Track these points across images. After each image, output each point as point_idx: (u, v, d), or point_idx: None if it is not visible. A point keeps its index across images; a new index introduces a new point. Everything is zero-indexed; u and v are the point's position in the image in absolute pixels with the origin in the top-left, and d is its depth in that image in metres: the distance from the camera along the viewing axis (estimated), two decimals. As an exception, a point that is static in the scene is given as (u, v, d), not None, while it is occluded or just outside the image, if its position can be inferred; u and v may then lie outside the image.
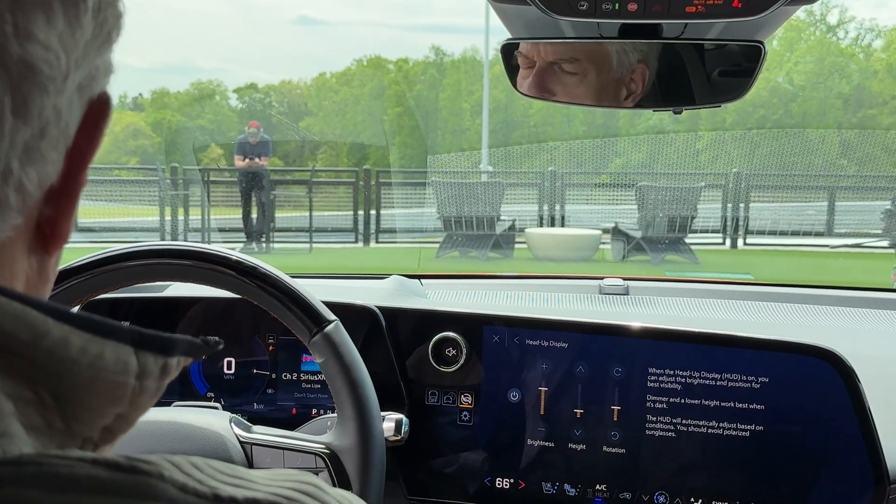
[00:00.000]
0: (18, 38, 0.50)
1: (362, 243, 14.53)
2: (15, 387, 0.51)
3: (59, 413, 0.54)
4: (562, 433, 1.59)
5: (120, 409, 0.56)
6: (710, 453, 1.56)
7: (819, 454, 1.53)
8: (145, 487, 0.49)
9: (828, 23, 33.70)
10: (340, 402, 1.35)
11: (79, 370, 0.53)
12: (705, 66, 1.40)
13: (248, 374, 1.70)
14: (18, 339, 0.51)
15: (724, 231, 14.26)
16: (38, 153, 0.54)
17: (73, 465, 0.49)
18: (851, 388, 1.51)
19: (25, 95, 0.51)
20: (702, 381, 1.55)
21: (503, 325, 1.62)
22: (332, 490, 0.56)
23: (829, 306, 2.17)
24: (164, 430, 1.34)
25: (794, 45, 32.94)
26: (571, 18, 1.17)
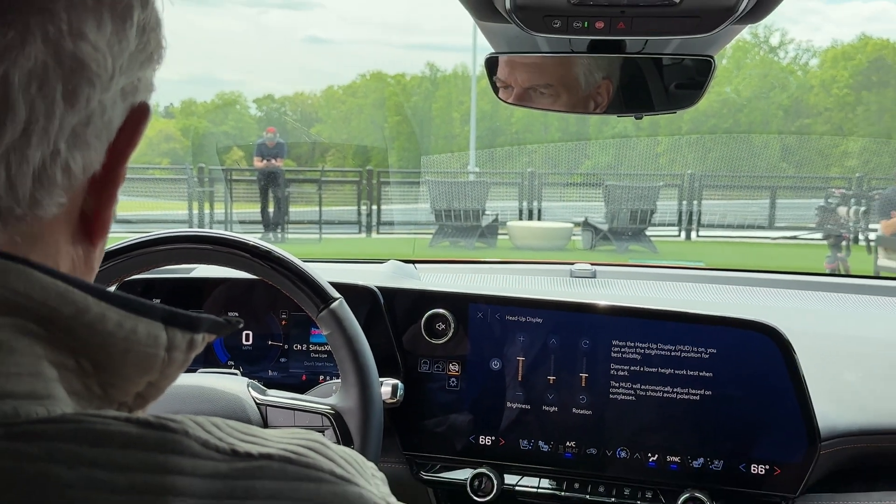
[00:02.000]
0: (72, 35, 0.51)
1: (365, 234, 14.53)
2: (58, 356, 0.52)
3: (96, 380, 0.54)
4: (537, 397, 1.60)
5: (151, 377, 0.57)
6: (664, 414, 1.56)
7: (759, 416, 1.53)
8: (172, 443, 0.49)
9: (770, 44, 33.77)
10: (344, 369, 1.35)
11: (115, 343, 0.53)
12: (663, 77, 1.40)
13: (263, 345, 1.71)
14: (62, 314, 0.51)
15: (680, 224, 14.29)
16: (83, 139, 0.54)
17: (108, 422, 0.49)
18: (788, 359, 1.52)
19: (75, 86, 0.52)
20: (658, 352, 1.56)
21: (486, 303, 1.62)
22: (335, 446, 0.56)
23: (769, 288, 2.18)
24: (189, 393, 1.34)
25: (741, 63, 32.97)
26: (546, 35, 1.17)
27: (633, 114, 1.46)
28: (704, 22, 1.12)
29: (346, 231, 14.66)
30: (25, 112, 0.50)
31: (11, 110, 0.49)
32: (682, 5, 1.10)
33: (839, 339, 1.80)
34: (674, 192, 14.58)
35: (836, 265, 10.45)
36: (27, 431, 0.47)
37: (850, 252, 11.15)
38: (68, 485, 0.46)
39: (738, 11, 1.10)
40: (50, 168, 0.52)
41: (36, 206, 0.53)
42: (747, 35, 32.07)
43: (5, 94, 0.49)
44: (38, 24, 0.49)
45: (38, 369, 0.50)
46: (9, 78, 0.48)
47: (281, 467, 0.51)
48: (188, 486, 0.48)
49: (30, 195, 0.52)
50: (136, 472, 0.47)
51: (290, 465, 0.52)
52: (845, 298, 2.11)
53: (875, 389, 1.66)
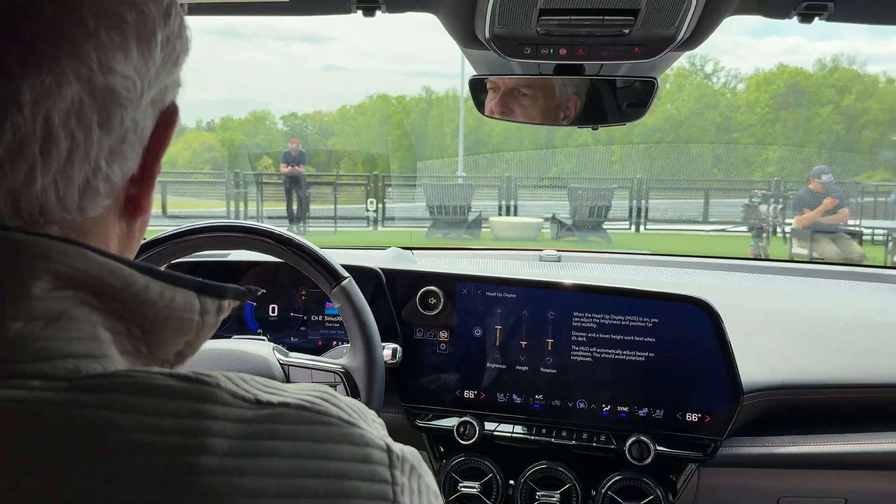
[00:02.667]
0: (102, 71, 0.50)
1: (372, 227, 14.50)
2: (112, 322, 0.51)
3: (143, 341, 0.54)
4: (511, 359, 1.59)
5: (188, 338, 0.57)
6: (616, 373, 1.56)
7: (693, 374, 1.53)
8: (207, 394, 0.49)
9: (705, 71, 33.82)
10: (352, 336, 1.34)
11: (157, 310, 0.53)
12: (616, 95, 1.39)
13: (286, 317, 1.70)
14: (114, 287, 0.51)
15: (630, 219, 14.29)
16: (120, 154, 0.53)
17: (154, 377, 0.49)
18: (717, 327, 1.52)
19: (109, 113, 0.51)
20: (611, 321, 1.55)
21: (470, 281, 1.61)
22: (342, 397, 0.56)
23: (702, 270, 2.19)
24: (225, 355, 1.33)
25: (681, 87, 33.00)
26: (519, 59, 1.16)
27: (592, 125, 1.45)
28: (649, 49, 1.12)
29: (356, 225, 14.62)
30: (67, 142, 0.49)
31: (55, 143, 0.48)
32: (630, 35, 1.10)
33: (759, 310, 1.80)
34: (625, 192, 14.58)
35: (758, 252, 10.50)
36: (87, 385, 0.47)
37: (769, 241, 11.20)
38: (121, 428, 0.46)
39: (676, 40, 1.10)
40: (93, 182, 0.52)
41: (83, 212, 0.52)
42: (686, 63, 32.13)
43: (48, 131, 0.48)
44: (71, 67, 0.48)
45: (95, 334, 0.50)
46: (50, 117, 0.48)
47: (297, 413, 0.51)
48: (221, 429, 0.47)
49: (77, 206, 0.51)
50: (178, 417, 0.47)
51: (304, 412, 0.51)
52: (764, 278, 2.11)
53: (787, 352, 1.67)
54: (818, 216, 8.84)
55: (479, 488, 1.56)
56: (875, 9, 1.09)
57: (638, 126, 23.72)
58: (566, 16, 1.05)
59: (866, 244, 10.32)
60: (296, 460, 0.49)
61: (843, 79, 31.57)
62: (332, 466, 0.50)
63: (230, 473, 0.46)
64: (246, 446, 0.48)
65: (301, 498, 0.48)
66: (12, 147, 0.47)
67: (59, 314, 0.48)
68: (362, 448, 0.52)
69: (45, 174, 0.48)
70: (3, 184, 0.48)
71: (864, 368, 1.63)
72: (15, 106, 0.46)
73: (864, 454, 1.57)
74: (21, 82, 0.46)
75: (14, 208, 0.49)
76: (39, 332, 0.47)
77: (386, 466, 0.52)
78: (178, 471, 0.45)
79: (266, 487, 0.47)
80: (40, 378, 0.46)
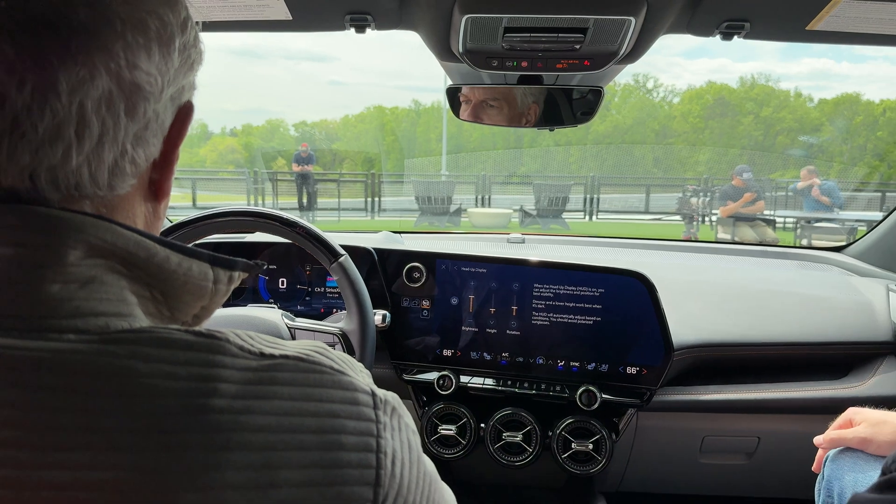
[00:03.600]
0: (129, 67, 0.49)
1: (370, 217, 14.44)
2: (137, 288, 0.51)
3: (165, 305, 0.54)
4: (482, 323, 1.59)
5: (203, 303, 0.56)
6: (569, 334, 1.56)
7: (633, 334, 1.54)
8: (217, 346, 0.49)
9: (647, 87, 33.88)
10: (348, 303, 1.34)
11: (177, 277, 0.52)
12: (570, 101, 1.38)
13: (293, 289, 1.69)
14: (139, 257, 0.50)
15: (585, 210, 14.31)
16: (144, 139, 0.52)
17: (172, 332, 0.48)
18: (653, 296, 1.52)
19: (134, 103, 0.50)
20: (565, 291, 1.55)
21: (448, 258, 1.60)
22: (333, 351, 0.56)
23: (642, 249, 2.19)
24: (241, 321, 1.32)
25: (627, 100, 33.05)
26: (487, 70, 1.15)
27: (550, 127, 1.44)
28: (596, 62, 1.11)
29: (356, 216, 14.55)
30: (98, 127, 0.48)
31: (88, 127, 0.47)
32: (580, 51, 1.09)
33: (688, 282, 1.80)
34: (581, 188, 14.59)
35: (689, 236, 10.56)
36: (115, 338, 0.46)
37: (699, 228, 11.27)
38: (145, 374, 0.45)
39: (619, 55, 1.09)
40: (120, 163, 0.51)
41: (112, 189, 0.51)
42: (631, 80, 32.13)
43: (82, 116, 0.47)
44: (101, 62, 0.47)
45: (122, 296, 0.49)
46: (84, 104, 0.47)
47: (295, 363, 0.51)
48: (229, 376, 0.47)
49: (107, 183, 0.50)
50: (193, 365, 0.47)
51: (301, 362, 0.51)
52: (693, 256, 2.12)
53: (710, 316, 1.67)
54: (740, 207, 8.89)
55: (455, 430, 1.56)
56: (784, 28, 1.09)
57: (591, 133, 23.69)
58: (527, 33, 1.04)
59: (779, 230, 10.40)
60: (293, 402, 0.49)
61: (761, 93, 31.73)
62: (324, 407, 0.50)
63: (237, 412, 0.46)
64: (250, 390, 0.48)
65: (298, 433, 0.48)
66: (51, 129, 0.46)
67: (91, 279, 0.48)
68: (350, 392, 0.52)
69: (79, 153, 0.48)
70: (44, 161, 0.47)
71: (773, 329, 1.63)
72: (53, 93, 0.46)
73: (774, 400, 1.57)
74: (59, 73, 0.45)
75: (53, 183, 0.48)
76: (74, 293, 0.47)
77: (371, 408, 0.52)
78: (193, 409, 0.45)
79: (268, 424, 0.47)
80: (74, 332, 0.46)
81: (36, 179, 0.47)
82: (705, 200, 11.90)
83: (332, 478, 0.48)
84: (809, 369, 1.64)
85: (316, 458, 0.48)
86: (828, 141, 27.37)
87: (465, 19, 0.98)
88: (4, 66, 0.44)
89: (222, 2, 0.98)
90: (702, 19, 1.05)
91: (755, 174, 10.28)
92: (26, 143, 0.46)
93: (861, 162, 22.57)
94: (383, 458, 0.51)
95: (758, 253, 2.17)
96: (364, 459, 0.50)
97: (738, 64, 50.87)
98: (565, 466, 1.54)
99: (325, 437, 0.48)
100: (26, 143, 0.46)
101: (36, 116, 0.46)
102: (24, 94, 0.45)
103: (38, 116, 0.46)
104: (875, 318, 1.66)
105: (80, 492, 0.42)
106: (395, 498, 0.51)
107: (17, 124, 0.45)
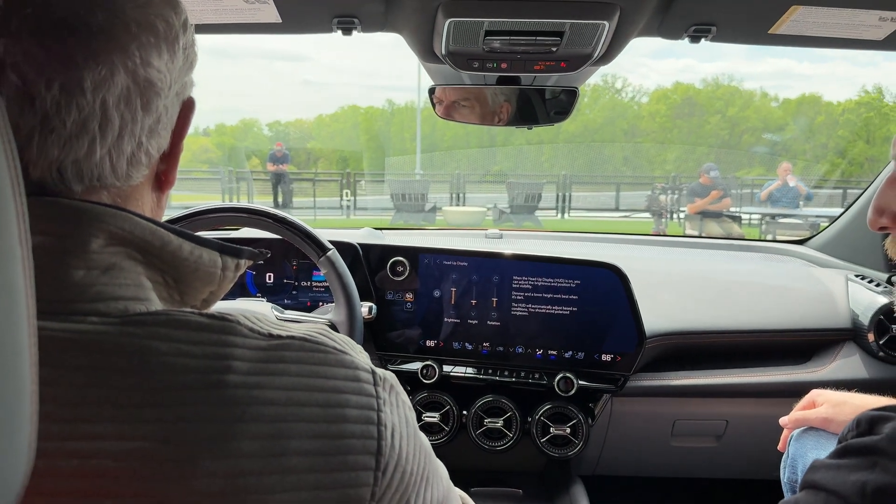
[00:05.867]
0: (143, 65, 0.52)
1: (345, 216, 14.34)
2: (152, 274, 0.53)
3: (177, 290, 0.55)
4: (463, 314, 1.61)
5: (212, 288, 0.58)
6: (546, 324, 1.59)
7: (607, 323, 1.57)
8: (229, 328, 0.51)
9: (616, 87, 33.96)
10: (337, 296, 1.35)
11: (188, 264, 0.55)
12: (545, 101, 1.41)
13: (281, 283, 1.70)
14: (154, 245, 0.52)
15: (557, 207, 14.36)
16: (156, 133, 0.55)
17: (187, 314, 0.50)
18: (626, 287, 1.55)
19: (148, 99, 0.53)
20: (543, 282, 1.58)
21: (431, 253, 1.62)
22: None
23: (615, 244, 2.23)
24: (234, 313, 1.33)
25: (598, 100, 33.17)
26: (468, 71, 1.18)
27: (526, 125, 1.47)
28: (571, 63, 1.14)
29: (332, 214, 14.46)
30: (118, 121, 0.51)
31: (110, 121, 0.50)
32: (557, 53, 1.12)
33: (659, 274, 1.83)
34: (553, 186, 14.64)
35: (658, 231, 10.66)
36: (135, 320, 0.49)
37: (667, 225, 11.37)
38: (164, 353, 0.48)
39: (593, 57, 1.12)
40: (137, 154, 0.54)
41: (129, 179, 0.54)
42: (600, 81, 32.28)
43: (104, 111, 0.50)
44: (120, 61, 0.50)
45: (139, 282, 0.51)
46: (106, 100, 0.50)
47: (301, 343, 0.53)
48: (241, 355, 0.50)
49: (125, 173, 0.53)
50: (207, 345, 0.49)
51: (306, 343, 0.53)
52: (663, 250, 2.16)
53: (680, 305, 1.70)
54: (707, 204, 8.98)
55: (439, 417, 1.59)
56: (749, 32, 1.13)
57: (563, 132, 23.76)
58: (506, 36, 1.06)
59: (744, 226, 10.54)
60: (300, 378, 0.51)
61: (726, 93, 32.06)
62: (329, 384, 0.52)
63: (250, 387, 0.49)
64: (261, 367, 0.50)
65: (305, 406, 0.50)
66: (78, 124, 0.49)
67: (111, 265, 0.50)
68: (352, 370, 0.54)
69: (102, 146, 0.51)
70: (71, 154, 0.50)
71: (740, 317, 1.67)
72: (79, 91, 0.48)
73: (741, 385, 1.62)
74: (83, 72, 0.48)
75: (78, 175, 0.51)
76: (96, 279, 0.49)
77: (371, 384, 0.55)
78: (210, 385, 0.48)
79: (277, 398, 0.49)
80: (97, 315, 0.48)
81: (63, 172, 0.50)
82: (673, 198, 12.02)
83: (337, 447, 0.51)
84: (774, 355, 1.68)
85: (322, 430, 0.50)
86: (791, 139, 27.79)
87: (448, 23, 1.01)
88: (34, 67, 0.47)
89: (215, 5, 1.00)
90: (671, 23, 1.09)
91: (721, 172, 10.42)
92: (55, 138, 0.49)
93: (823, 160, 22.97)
94: (384, 430, 0.54)
95: (724, 246, 2.22)
96: (366, 431, 0.52)
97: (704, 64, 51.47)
98: (544, 450, 1.57)
99: (331, 411, 0.51)
100: (55, 138, 0.49)
101: (64, 113, 0.48)
102: (53, 92, 0.48)
103: (66, 113, 0.48)
104: (835, 307, 1.71)
105: (105, 460, 0.45)
106: (394, 467, 0.54)
107: (47, 121, 0.48)
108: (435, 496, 0.61)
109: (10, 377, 0.34)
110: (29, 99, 0.48)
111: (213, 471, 0.46)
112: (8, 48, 0.47)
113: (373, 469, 0.52)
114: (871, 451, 0.63)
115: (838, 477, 0.64)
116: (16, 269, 0.35)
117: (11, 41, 0.47)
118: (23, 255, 0.36)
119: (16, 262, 0.35)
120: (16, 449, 0.36)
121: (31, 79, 0.47)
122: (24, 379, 0.36)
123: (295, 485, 0.48)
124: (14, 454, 0.35)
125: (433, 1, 0.98)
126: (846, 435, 0.69)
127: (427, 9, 1.00)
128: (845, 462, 0.65)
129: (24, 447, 0.36)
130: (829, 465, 0.66)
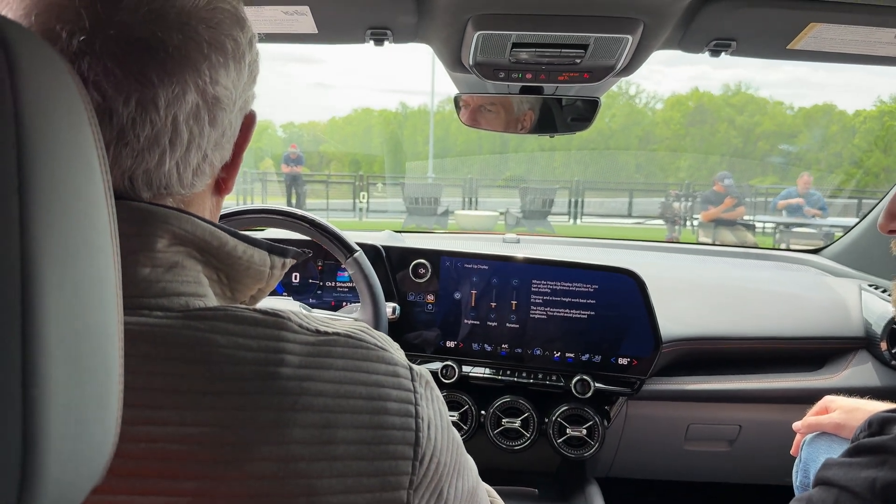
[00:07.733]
0: (212, 83, 0.54)
1: (357, 218, 14.35)
2: (209, 271, 0.56)
3: (229, 287, 0.58)
4: (483, 316, 1.63)
5: (260, 285, 0.61)
6: (564, 327, 1.60)
7: (624, 328, 1.58)
8: (282, 324, 0.54)
9: (630, 93, 33.75)
10: (363, 296, 1.37)
11: (241, 263, 0.58)
12: (567, 110, 1.42)
13: (306, 283, 1.72)
14: (212, 245, 0.55)
15: (570, 213, 14.31)
16: (220, 146, 0.58)
17: (243, 310, 0.53)
18: (643, 292, 1.57)
19: (215, 114, 0.55)
20: (561, 287, 1.60)
21: (452, 256, 1.64)
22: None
23: (630, 250, 2.24)
24: None
25: (611, 106, 32.92)
26: (494, 81, 1.20)
27: (548, 133, 1.49)
28: (594, 75, 1.16)
29: (344, 217, 14.49)
30: (187, 136, 0.53)
31: (179, 136, 0.53)
32: (580, 65, 1.14)
33: (675, 280, 1.84)
34: (566, 192, 14.58)
35: (672, 238, 10.61)
36: (196, 315, 0.52)
37: (680, 232, 11.32)
38: (222, 346, 0.51)
39: (616, 69, 1.15)
40: (202, 166, 0.56)
41: (192, 188, 0.57)
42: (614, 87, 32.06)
43: (175, 126, 0.52)
44: (191, 79, 0.52)
45: (198, 279, 0.55)
46: (177, 117, 0.52)
47: (346, 340, 0.55)
48: (293, 349, 0.52)
49: (190, 183, 0.56)
50: (262, 339, 0.52)
51: (350, 339, 0.56)
52: (678, 257, 2.17)
53: (696, 312, 1.71)
54: (721, 212, 8.93)
55: (457, 417, 1.61)
56: (768, 47, 1.15)
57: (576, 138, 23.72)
58: (533, 48, 1.09)
59: (758, 235, 10.47)
60: (346, 372, 0.54)
61: (741, 101, 31.82)
62: (372, 378, 0.55)
63: (301, 379, 0.52)
64: (311, 361, 0.53)
65: (350, 398, 0.53)
66: (150, 138, 0.52)
67: (174, 263, 0.53)
68: (392, 366, 0.57)
69: (171, 158, 0.53)
70: (142, 165, 0.53)
71: (755, 324, 1.68)
72: (153, 108, 0.51)
73: (755, 390, 1.62)
74: (158, 90, 0.51)
75: (147, 183, 0.54)
76: (161, 276, 0.52)
77: (409, 380, 0.58)
78: (265, 376, 0.51)
79: (326, 389, 0.52)
80: (161, 309, 0.51)
81: (134, 180, 0.53)
82: (687, 205, 11.96)
83: (379, 437, 0.54)
84: (788, 362, 1.69)
85: (366, 420, 0.53)
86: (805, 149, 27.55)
87: (478, 35, 1.04)
88: (113, 84, 0.50)
89: (255, 15, 1.04)
90: (692, 38, 1.11)
91: (735, 180, 10.36)
92: (129, 151, 0.52)
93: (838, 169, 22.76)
94: (421, 423, 0.57)
95: (739, 254, 2.23)
96: (405, 423, 0.55)
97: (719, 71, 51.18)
98: (560, 450, 1.59)
99: (373, 403, 0.54)
100: (129, 150, 0.52)
101: (139, 128, 0.51)
102: (130, 108, 0.51)
103: (140, 128, 0.51)
104: (848, 315, 1.71)
105: (170, 444, 0.48)
106: (430, 457, 0.57)
107: (123, 134, 0.51)
108: (465, 487, 0.64)
109: (103, 359, 0.38)
110: (108, 114, 0.50)
111: (267, 455, 0.49)
112: (91, 66, 0.50)
113: (411, 459, 0.55)
114: (882, 449, 0.66)
115: (850, 473, 0.67)
116: (108, 263, 0.38)
117: (94, 60, 0.50)
118: (113, 251, 0.39)
119: (108, 257, 0.38)
120: (107, 426, 0.39)
121: (110, 95, 0.50)
122: (114, 361, 0.39)
123: (341, 471, 0.51)
124: (104, 431, 0.39)
125: (464, 14, 1.01)
126: (858, 435, 0.71)
127: (458, 21, 1.03)
128: (857, 460, 0.67)
129: (112, 424, 0.40)
130: (842, 462, 0.69)
